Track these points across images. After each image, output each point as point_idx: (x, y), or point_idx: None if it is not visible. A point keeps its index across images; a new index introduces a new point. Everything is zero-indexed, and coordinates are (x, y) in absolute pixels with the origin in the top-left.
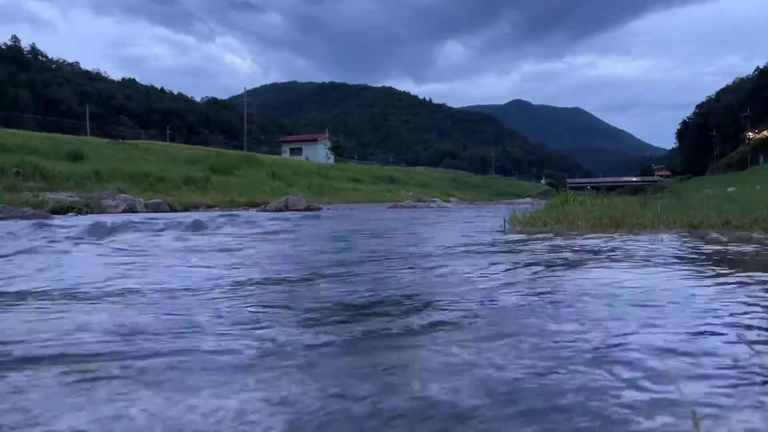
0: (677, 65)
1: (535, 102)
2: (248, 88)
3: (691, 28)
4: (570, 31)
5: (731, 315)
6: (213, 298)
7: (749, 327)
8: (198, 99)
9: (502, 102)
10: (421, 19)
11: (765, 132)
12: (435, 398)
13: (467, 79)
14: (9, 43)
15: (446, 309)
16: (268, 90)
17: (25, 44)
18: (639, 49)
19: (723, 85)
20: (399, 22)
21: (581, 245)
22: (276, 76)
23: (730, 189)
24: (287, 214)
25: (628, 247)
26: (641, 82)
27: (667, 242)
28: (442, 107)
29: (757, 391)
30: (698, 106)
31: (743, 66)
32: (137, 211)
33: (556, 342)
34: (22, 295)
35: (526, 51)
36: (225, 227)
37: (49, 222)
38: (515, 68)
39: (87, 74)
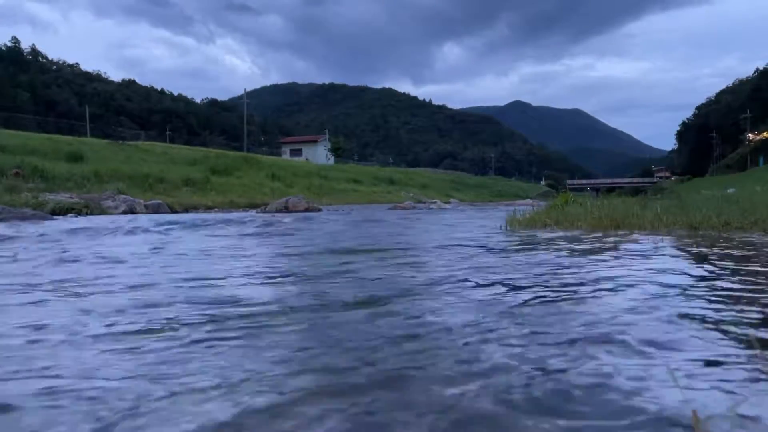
0: (675, 67)
1: (534, 103)
2: (248, 89)
3: (687, 29)
4: (567, 33)
5: None
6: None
7: None
8: (198, 100)
9: (502, 103)
10: (419, 20)
11: (765, 133)
12: None
13: (465, 80)
14: (9, 44)
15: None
16: (268, 91)
17: (25, 45)
18: (636, 50)
19: (721, 87)
20: (397, 23)
21: (584, 246)
22: (276, 78)
23: (730, 190)
24: (287, 215)
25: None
26: (640, 83)
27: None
28: (442, 108)
29: None
30: (698, 108)
31: (741, 67)
32: (137, 212)
33: None
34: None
35: (524, 53)
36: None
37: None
38: (513, 70)
39: (87, 75)
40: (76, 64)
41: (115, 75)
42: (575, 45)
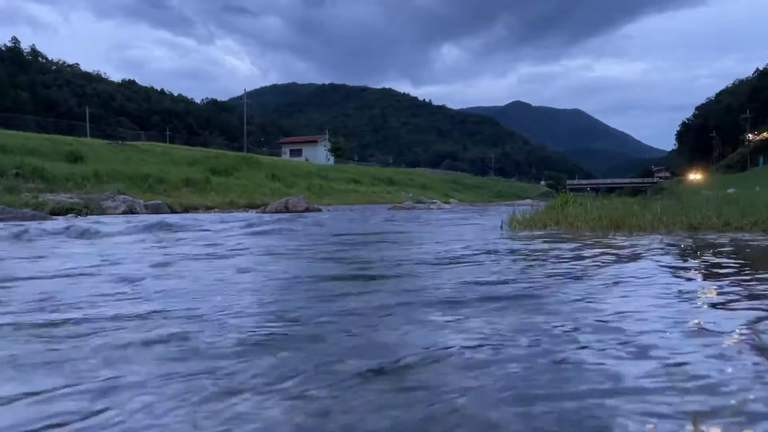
0: (673, 68)
1: (534, 104)
2: (248, 89)
3: (684, 31)
4: (564, 34)
5: None
6: None
7: None
8: (198, 100)
9: (502, 104)
10: (417, 22)
11: (765, 133)
12: None
13: (464, 81)
14: (9, 44)
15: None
16: (267, 91)
17: (25, 46)
18: (634, 52)
19: (720, 87)
20: (396, 25)
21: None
22: (276, 78)
23: (730, 190)
24: (287, 215)
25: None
26: (639, 84)
27: None
28: (441, 109)
29: None
30: (698, 108)
31: (738, 68)
32: (137, 213)
33: None
34: None
35: (522, 54)
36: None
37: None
38: (512, 71)
39: (87, 75)
40: (76, 64)
41: (116, 76)
42: (572, 46)
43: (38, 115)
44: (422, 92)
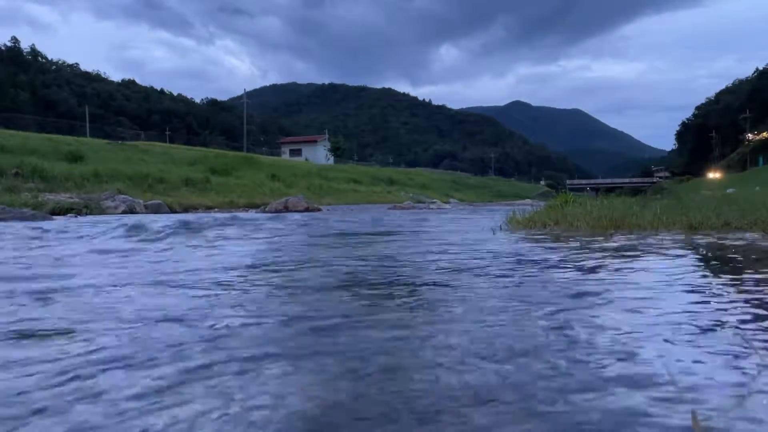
0: (671, 68)
1: (534, 103)
2: (248, 89)
3: (682, 31)
4: (562, 35)
5: None
6: None
7: None
8: (198, 100)
9: (502, 103)
10: (416, 22)
11: (764, 133)
12: None
13: (463, 81)
14: (9, 44)
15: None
16: (267, 91)
17: (25, 45)
18: (632, 52)
19: (719, 87)
20: (395, 25)
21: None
22: (275, 78)
23: (729, 190)
24: (287, 215)
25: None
26: (638, 84)
27: None
28: (441, 108)
29: None
30: (697, 108)
31: (737, 68)
32: (137, 212)
33: None
34: None
35: (521, 54)
36: None
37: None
38: (510, 71)
39: (87, 75)
40: (76, 64)
41: (115, 76)
42: (570, 47)
43: (38, 115)
44: (422, 92)
